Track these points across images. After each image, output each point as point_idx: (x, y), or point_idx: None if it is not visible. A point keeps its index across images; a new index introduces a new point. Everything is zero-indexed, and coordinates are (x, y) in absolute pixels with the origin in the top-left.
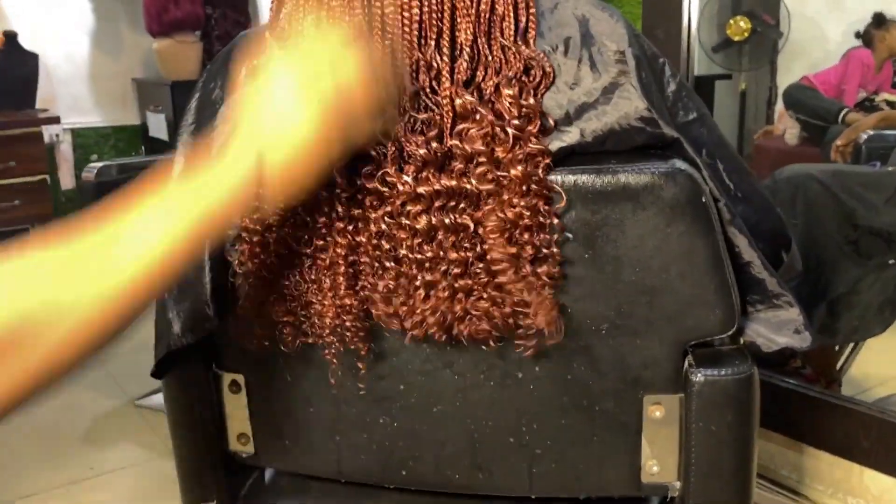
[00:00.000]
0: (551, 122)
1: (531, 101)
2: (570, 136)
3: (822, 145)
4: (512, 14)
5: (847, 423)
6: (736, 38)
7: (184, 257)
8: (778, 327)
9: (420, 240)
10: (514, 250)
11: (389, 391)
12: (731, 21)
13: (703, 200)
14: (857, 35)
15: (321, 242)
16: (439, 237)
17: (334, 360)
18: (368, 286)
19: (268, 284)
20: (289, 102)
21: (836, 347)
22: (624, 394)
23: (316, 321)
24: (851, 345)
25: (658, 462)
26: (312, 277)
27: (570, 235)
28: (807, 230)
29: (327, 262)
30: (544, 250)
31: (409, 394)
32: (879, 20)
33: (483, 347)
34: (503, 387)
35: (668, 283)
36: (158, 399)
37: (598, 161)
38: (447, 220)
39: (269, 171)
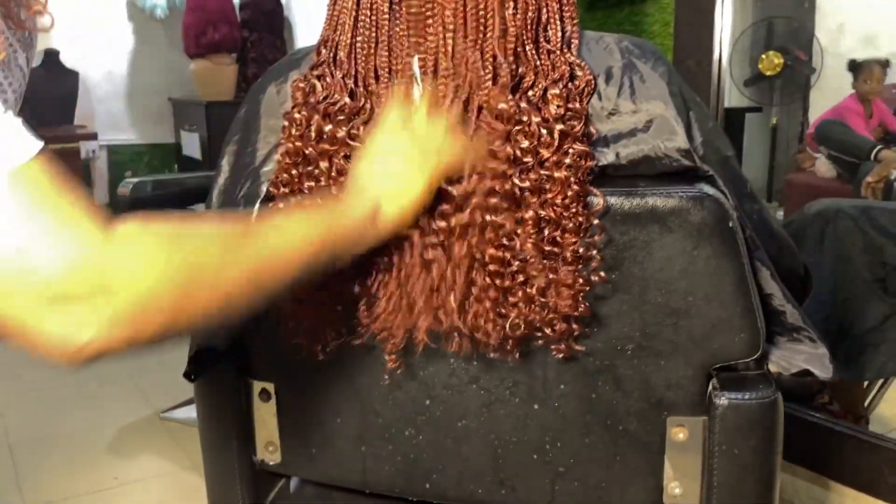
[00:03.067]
0: (593, 129)
1: (577, 105)
2: (606, 157)
3: (854, 182)
4: (558, 23)
5: (872, 459)
6: (768, 73)
7: (308, 261)
8: (798, 358)
9: (455, 238)
10: (555, 249)
11: (415, 404)
12: (764, 56)
13: (730, 225)
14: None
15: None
16: (476, 236)
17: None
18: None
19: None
20: (405, 172)
21: (864, 384)
22: (647, 415)
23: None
24: (880, 382)
25: (680, 484)
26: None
27: (597, 255)
28: (835, 265)
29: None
30: (581, 251)
31: (435, 407)
32: (854, 67)
33: (509, 362)
34: (528, 403)
35: (693, 305)
36: (184, 412)
37: (627, 184)
38: (488, 218)
39: (383, 216)
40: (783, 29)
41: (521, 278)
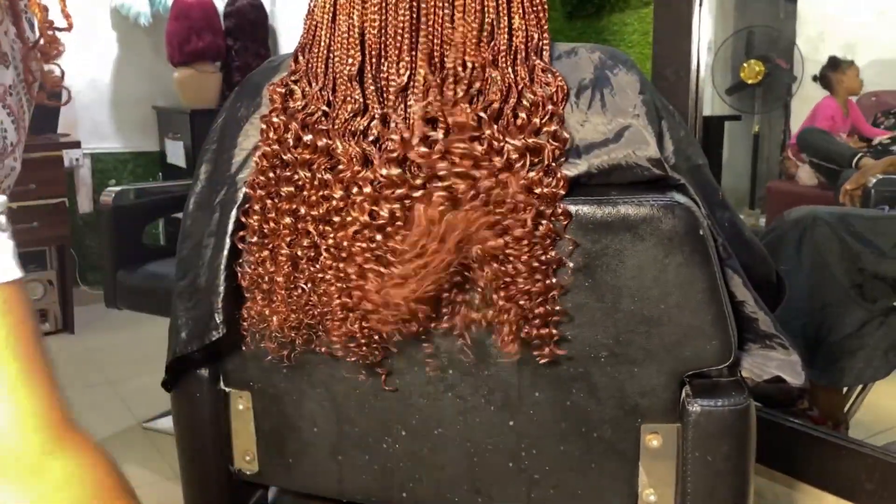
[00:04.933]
0: (566, 134)
1: (548, 110)
2: (578, 167)
3: (836, 189)
4: (523, 36)
5: (851, 465)
6: (749, 81)
7: None
8: (770, 365)
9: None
10: (525, 259)
11: (391, 412)
12: (745, 64)
13: (701, 233)
14: (815, 78)
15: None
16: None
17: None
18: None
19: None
20: None
21: (844, 390)
22: (622, 422)
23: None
24: (859, 387)
25: (655, 491)
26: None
27: (570, 264)
28: (813, 272)
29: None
30: (552, 257)
31: (411, 416)
32: (835, 63)
33: (485, 371)
34: (503, 411)
35: (666, 313)
36: (165, 422)
37: (599, 192)
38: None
39: None
40: (764, 37)
41: (493, 288)
